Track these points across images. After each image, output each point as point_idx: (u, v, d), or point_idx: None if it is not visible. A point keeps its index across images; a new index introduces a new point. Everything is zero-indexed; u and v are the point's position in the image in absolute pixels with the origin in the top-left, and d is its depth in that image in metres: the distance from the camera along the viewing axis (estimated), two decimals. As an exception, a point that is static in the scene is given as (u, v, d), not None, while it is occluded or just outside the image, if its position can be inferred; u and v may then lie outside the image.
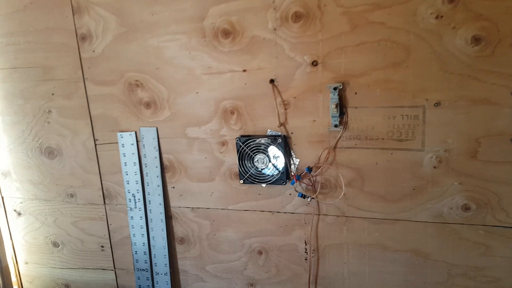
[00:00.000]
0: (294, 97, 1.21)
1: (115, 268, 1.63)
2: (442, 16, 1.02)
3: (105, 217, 1.57)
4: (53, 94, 1.47)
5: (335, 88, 1.14)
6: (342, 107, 1.16)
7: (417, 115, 1.11)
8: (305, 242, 1.34)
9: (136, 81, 1.35)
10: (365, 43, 1.10)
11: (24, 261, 1.78)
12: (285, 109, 1.23)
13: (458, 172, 1.12)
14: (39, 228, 1.69)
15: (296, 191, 1.28)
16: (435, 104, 1.09)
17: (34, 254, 1.75)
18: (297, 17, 1.14)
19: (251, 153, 1.28)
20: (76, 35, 1.37)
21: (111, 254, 1.61)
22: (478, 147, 1.09)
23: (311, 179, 1.26)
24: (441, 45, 1.04)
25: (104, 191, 1.53)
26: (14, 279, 1.79)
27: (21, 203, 1.68)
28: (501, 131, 1.06)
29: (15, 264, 1.79)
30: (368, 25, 1.09)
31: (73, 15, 1.35)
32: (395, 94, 1.11)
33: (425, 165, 1.14)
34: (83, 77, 1.41)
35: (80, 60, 1.39)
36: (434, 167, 1.14)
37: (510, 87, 1.02)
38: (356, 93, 1.15)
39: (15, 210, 1.70)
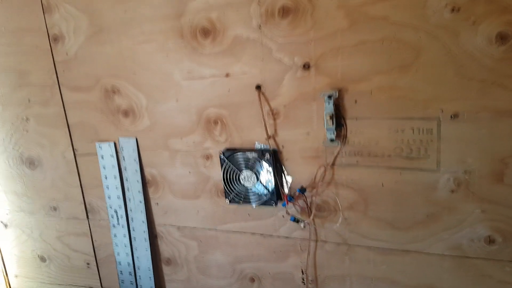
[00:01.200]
0: (284, 106, 1.05)
1: (102, 287, 1.52)
2: (459, 9, 0.83)
3: (89, 233, 1.46)
4: (29, 100, 1.36)
5: (329, 96, 0.97)
6: (339, 118, 0.99)
7: (430, 129, 0.93)
8: (302, 271, 1.18)
9: (113, 86, 1.23)
10: (365, 43, 0.92)
11: (14, 274, 1.70)
12: (274, 119, 1.07)
13: (481, 197, 0.93)
14: (26, 241, 1.61)
15: (288, 213, 1.12)
16: (451, 116, 0.90)
17: (23, 268, 1.67)
18: (284, 12, 0.97)
19: (237, 170, 1.13)
20: (48, 36, 1.26)
21: (97, 272, 1.51)
22: (504, 169, 0.90)
23: (306, 200, 1.09)
24: (457, 45, 0.85)
25: (87, 206, 1.42)
26: (4, 292, 1.72)
27: (7, 214, 1.60)
28: (533, 150, 0.86)
29: (5, 276, 1.72)
30: (369, 21, 0.91)
31: (44, 14, 1.23)
32: (403, 103, 0.93)
33: (441, 188, 0.96)
34: (58, 82, 1.30)
35: (54, 63, 1.28)
36: (452, 191, 0.95)
37: (546, 97, 0.82)
38: (356, 102, 0.97)
39: (1, 222, 1.62)
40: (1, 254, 1.70)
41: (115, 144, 1.29)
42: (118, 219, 1.36)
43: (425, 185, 0.97)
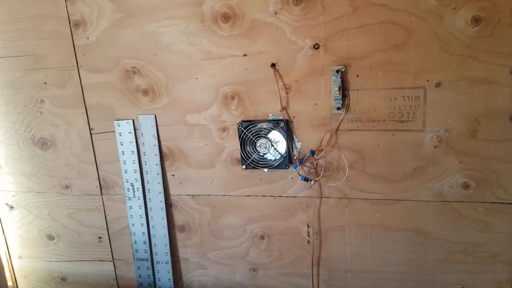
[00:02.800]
0: (296, 81, 1.23)
1: (113, 259, 1.64)
2: (442, -2, 1.06)
3: (102, 207, 1.57)
4: (45, 83, 1.45)
5: (337, 71, 1.16)
6: (344, 89, 1.19)
7: (418, 96, 1.15)
8: (308, 225, 1.37)
9: (133, 68, 1.35)
10: (366, 26, 1.13)
11: (18, 255, 1.76)
12: (287, 93, 1.25)
13: (458, 151, 1.17)
14: (33, 222, 1.68)
15: (299, 174, 1.31)
16: (436, 84, 1.13)
17: (28, 248, 1.74)
18: (298, 0, 1.15)
19: (253, 138, 1.30)
20: (69, 22, 1.36)
21: (109, 245, 1.62)
22: (477, 126, 1.14)
23: (314, 162, 1.29)
24: (441, 26, 1.08)
25: (101, 181, 1.53)
26: (7, 274, 1.78)
27: (13, 196, 1.66)
28: (500, 110, 1.10)
29: (8, 259, 1.78)
30: (369, 7, 1.11)
31: (66, 1, 1.34)
32: (397, 75, 1.15)
33: (426, 145, 1.19)
34: (77, 65, 1.40)
35: (74, 47, 1.38)
36: (435, 147, 1.18)
37: (509, 66, 1.07)
38: (357, 76, 1.18)
39: (7, 204, 1.69)
40: (4, 236, 1.75)
41: (133, 121, 1.42)
42: (134, 191, 1.49)
43: (413, 143, 1.20)
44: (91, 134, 1.48)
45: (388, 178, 1.25)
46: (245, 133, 1.30)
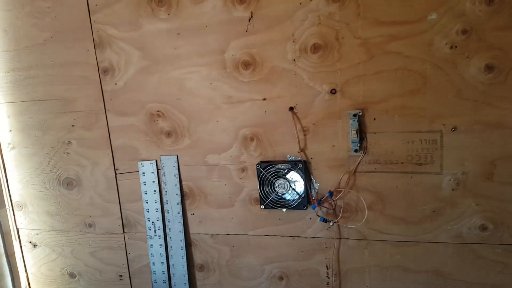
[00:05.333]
0: (313, 124, 1.28)
1: (133, 297, 1.66)
2: (456, 46, 1.11)
3: (124, 246, 1.61)
4: (73, 125, 1.53)
5: (354, 115, 1.21)
6: (361, 132, 1.23)
7: (435, 140, 1.18)
8: (327, 267, 1.38)
9: (158, 111, 1.42)
10: (382, 72, 1.18)
11: (39, 293, 1.80)
12: (305, 135, 1.29)
13: (475, 193, 1.19)
14: (56, 260, 1.72)
15: (318, 215, 1.33)
16: (452, 128, 1.16)
17: (50, 286, 1.77)
18: (316, 48, 1.22)
19: (271, 179, 1.34)
20: (98, 69, 1.44)
21: (129, 283, 1.64)
22: (493, 169, 1.16)
23: (332, 203, 1.31)
24: (456, 73, 1.12)
25: (124, 220, 1.58)
26: (28, 311, 1.81)
27: (37, 234, 1.71)
28: (515, 153, 1.13)
29: (30, 296, 1.82)
30: (385, 55, 1.17)
31: (95, 49, 1.43)
32: (413, 119, 1.19)
33: (444, 187, 1.21)
34: (105, 108, 1.47)
35: (102, 92, 1.46)
36: (453, 190, 1.20)
37: (523, 112, 1.10)
38: (374, 119, 1.22)
39: (30, 242, 1.74)
40: (26, 274, 1.80)
41: (156, 162, 1.47)
42: (155, 230, 1.53)
43: (431, 185, 1.22)
44: (115, 174, 1.53)
45: (407, 220, 1.27)
46: (263, 173, 1.34)
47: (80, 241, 1.66)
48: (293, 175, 1.32)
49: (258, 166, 1.34)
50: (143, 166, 1.48)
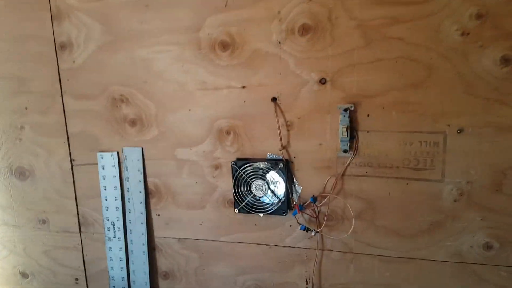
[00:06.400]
0: (299, 118, 1.11)
1: (89, 304, 1.49)
2: (468, 33, 0.94)
3: (81, 246, 1.43)
4: (26, 108, 1.35)
5: (345, 110, 1.05)
6: (352, 130, 1.07)
7: (437, 142, 1.02)
8: (306, 281, 1.22)
9: (121, 95, 1.24)
10: (381, 60, 1.02)
11: (-13, 293, 1.62)
12: (288, 130, 1.13)
13: (481, 206, 1.03)
14: (7, 257, 1.54)
15: (298, 223, 1.17)
16: (457, 130, 1.00)
17: (2, 285, 1.59)
18: (304, 29, 1.05)
19: (248, 179, 1.17)
20: (55, 44, 1.26)
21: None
22: (504, 179, 1.00)
23: (316, 209, 1.15)
24: (466, 65, 0.96)
25: (80, 218, 1.40)
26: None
27: (-14, 228, 1.53)
28: (531, 162, 0.97)
29: (-24, 297, 1.64)
30: (385, 41, 1.00)
31: (52, 21, 1.24)
32: (413, 117, 1.03)
33: (445, 198, 1.05)
34: (61, 90, 1.29)
35: (58, 71, 1.28)
36: (454, 201, 1.05)
37: (543, 114, 0.94)
38: (368, 115, 1.06)
39: (-21, 237, 1.56)
40: (-26, 272, 1.62)
41: (118, 154, 1.30)
42: (114, 231, 1.35)
43: (430, 194, 1.06)
44: (72, 165, 1.36)
45: (400, 233, 1.11)
46: (239, 172, 1.17)
47: (33, 238, 1.49)
48: (273, 176, 1.16)
49: (233, 164, 1.17)
50: (102, 158, 1.31)
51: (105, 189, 1.33)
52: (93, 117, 1.29)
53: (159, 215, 1.32)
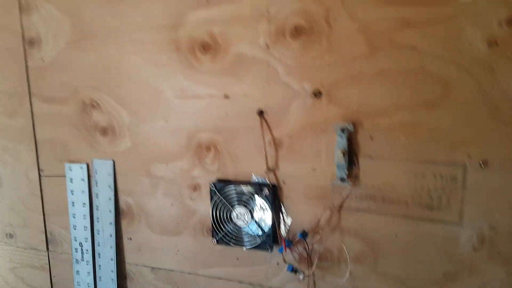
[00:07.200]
0: (289, 136, 0.99)
1: (56, 332, 1.40)
2: (497, 43, 0.79)
3: (48, 266, 1.36)
4: (-8, 110, 1.28)
5: (343, 130, 0.91)
6: (352, 155, 0.94)
7: (455, 176, 0.88)
8: (294, 330, 1.09)
9: (92, 100, 1.15)
10: (388, 72, 0.88)
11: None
12: (276, 150, 1.01)
13: (506, 258, 0.88)
14: (-29, 272, 1.48)
15: (285, 262, 1.04)
16: (481, 163, 0.85)
17: (-35, 304, 1.54)
18: (297, 32, 0.93)
19: (229, 205, 1.05)
20: (23, 38, 1.19)
21: (52, 313, 1.39)
22: (537, 227, 0.84)
23: (306, 247, 1.02)
24: (493, 82, 0.81)
25: (48, 235, 1.32)
26: None
27: (-49, 239, 1.48)
28: None
29: None
30: (393, 48, 0.86)
31: (20, 13, 1.17)
32: (426, 144, 0.88)
33: (462, 244, 0.90)
34: (29, 91, 1.22)
35: (27, 69, 1.21)
36: (474, 249, 0.89)
37: None
38: (372, 138, 0.92)
39: None
40: None
41: (87, 166, 1.21)
42: (82, 254, 1.26)
43: (444, 239, 0.92)
44: (40, 176, 1.28)
45: (407, 283, 0.97)
46: (219, 196, 1.05)
47: (1, 254, 1.42)
48: (258, 202, 1.03)
49: (212, 186, 1.06)
50: (71, 170, 1.22)
51: (73, 205, 1.24)
52: (62, 122, 1.21)
53: (130, 238, 1.22)
